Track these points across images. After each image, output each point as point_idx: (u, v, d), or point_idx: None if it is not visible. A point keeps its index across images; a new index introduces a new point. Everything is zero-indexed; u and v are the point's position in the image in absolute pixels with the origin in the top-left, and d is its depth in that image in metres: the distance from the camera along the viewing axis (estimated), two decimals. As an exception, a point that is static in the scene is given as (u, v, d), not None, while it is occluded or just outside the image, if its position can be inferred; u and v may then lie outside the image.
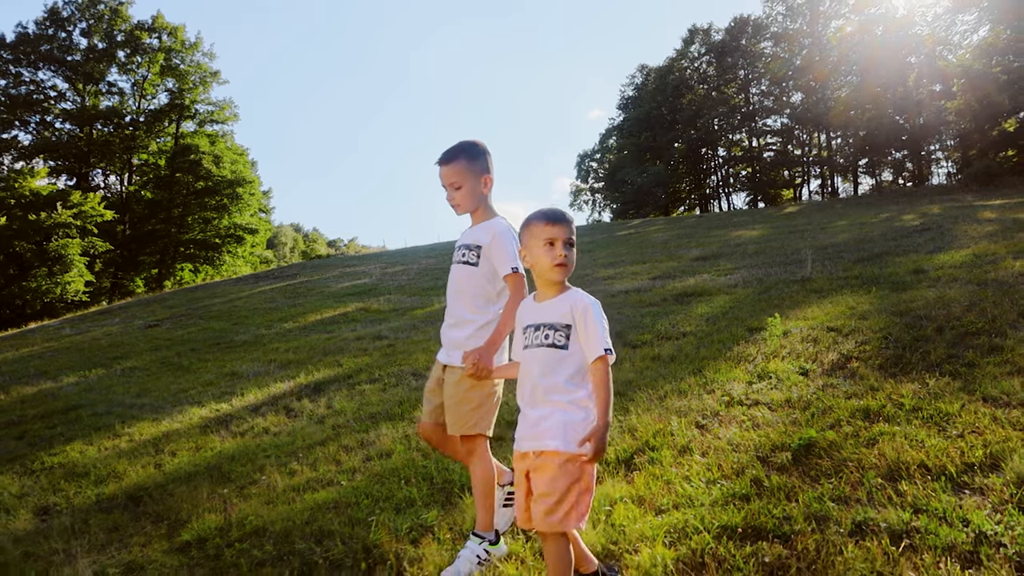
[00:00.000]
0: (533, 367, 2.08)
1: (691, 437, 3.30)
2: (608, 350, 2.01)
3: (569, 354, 2.04)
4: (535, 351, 2.08)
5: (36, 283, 33.28)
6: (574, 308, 2.07)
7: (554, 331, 2.07)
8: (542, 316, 2.11)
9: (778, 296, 7.54)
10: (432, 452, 3.85)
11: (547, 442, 1.99)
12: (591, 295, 2.13)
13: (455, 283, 2.63)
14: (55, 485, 4.99)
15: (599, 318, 2.08)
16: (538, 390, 2.06)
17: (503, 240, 2.50)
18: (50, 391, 9.95)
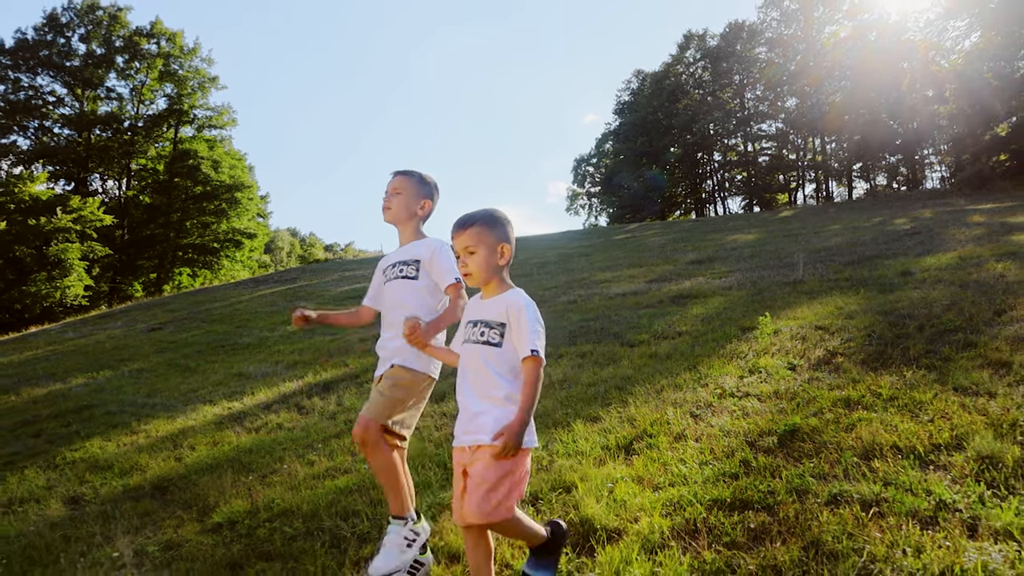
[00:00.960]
0: (469, 362, 2.15)
1: (686, 425, 3.57)
2: (535, 351, 2.05)
3: (503, 351, 2.10)
4: (472, 347, 2.15)
5: (36, 287, 33.42)
6: (509, 308, 2.14)
7: (489, 329, 2.13)
8: (480, 313, 2.19)
9: (771, 298, 7.82)
10: (443, 442, 4.12)
11: (480, 436, 2.05)
12: (527, 296, 2.22)
13: (395, 297, 2.68)
14: (80, 478, 5.24)
15: (533, 319, 2.13)
16: (474, 386, 2.12)
17: (442, 254, 2.63)
18: (60, 392, 10.17)
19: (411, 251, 2.70)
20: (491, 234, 2.20)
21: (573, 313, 9.53)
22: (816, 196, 42.73)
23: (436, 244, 2.68)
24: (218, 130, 44.17)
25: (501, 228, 2.23)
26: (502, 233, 2.23)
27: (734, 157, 46.78)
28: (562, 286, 13.44)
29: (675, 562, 2.18)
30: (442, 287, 2.60)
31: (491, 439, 2.00)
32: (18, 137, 40.99)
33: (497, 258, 2.22)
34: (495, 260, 2.21)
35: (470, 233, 2.18)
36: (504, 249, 2.23)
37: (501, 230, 2.23)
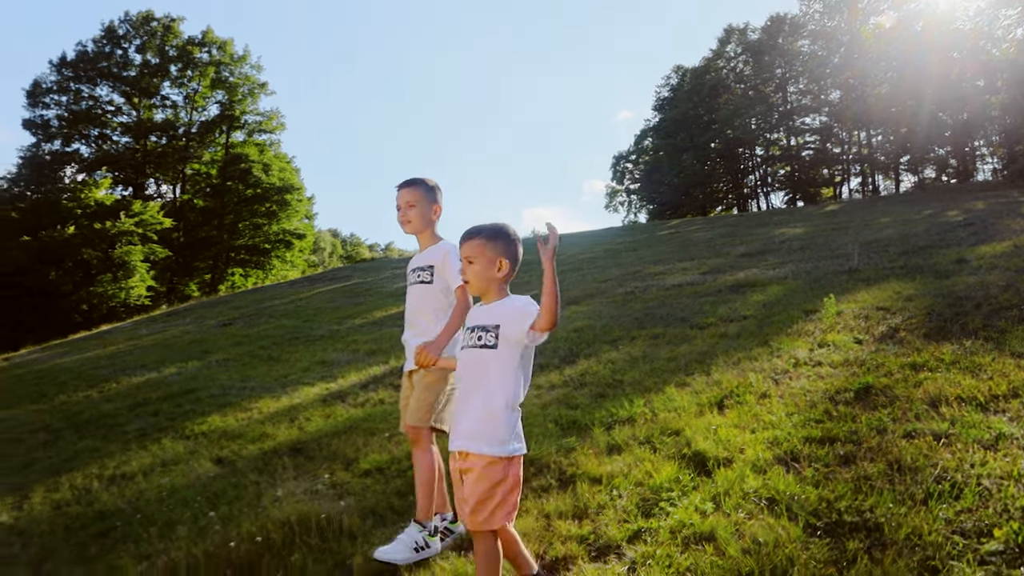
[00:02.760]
0: (466, 367, 2.23)
1: (768, 387, 4.10)
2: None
3: (498, 353, 2.15)
4: (469, 351, 2.22)
5: (102, 288, 35.12)
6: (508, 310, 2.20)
7: (485, 332, 2.18)
8: (478, 319, 2.26)
9: (828, 285, 8.22)
10: (550, 404, 4.71)
11: (468, 444, 2.13)
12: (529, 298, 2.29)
13: (415, 300, 2.90)
14: (218, 444, 5.97)
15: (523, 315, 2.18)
16: (471, 390, 2.18)
17: (452, 259, 2.77)
18: (157, 380, 11.05)
19: (428, 256, 2.90)
20: (491, 248, 2.25)
21: (634, 303, 10.05)
22: (862, 190, 42.27)
23: (447, 248, 2.86)
24: (267, 134, 45.61)
25: (503, 243, 2.27)
26: (503, 249, 2.27)
27: (777, 152, 46.50)
28: (616, 279, 13.91)
29: (780, 477, 2.73)
30: (452, 288, 2.80)
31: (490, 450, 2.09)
32: (81, 145, 42.92)
33: (494, 271, 2.25)
34: (492, 272, 2.25)
35: (471, 244, 2.27)
36: (502, 263, 2.26)
37: (503, 245, 2.27)
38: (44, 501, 5.10)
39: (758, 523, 2.38)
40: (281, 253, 44.15)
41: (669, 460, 3.14)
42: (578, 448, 3.54)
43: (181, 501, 4.37)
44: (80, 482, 5.45)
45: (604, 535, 2.53)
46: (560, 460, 3.43)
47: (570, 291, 12.96)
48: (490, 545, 2.12)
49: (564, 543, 2.51)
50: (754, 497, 2.60)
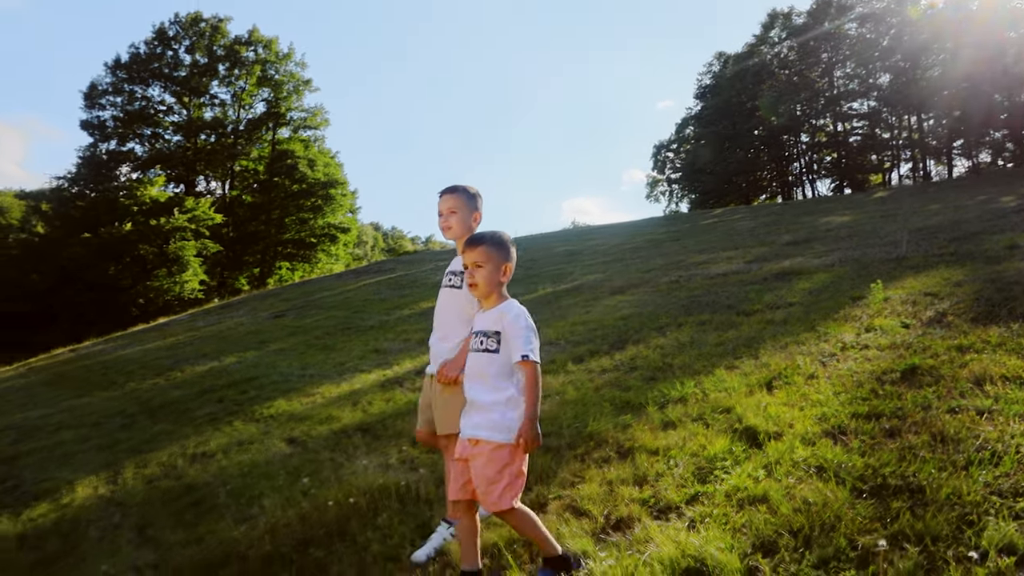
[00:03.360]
0: (473, 369, 2.44)
1: (815, 368, 4.27)
2: (526, 356, 2.31)
3: (499, 356, 2.37)
4: (474, 354, 2.44)
5: (158, 282, 36.51)
6: (503, 316, 2.41)
7: (487, 338, 2.40)
8: (481, 324, 2.48)
9: (875, 272, 8.23)
10: (602, 387, 4.95)
11: (479, 432, 2.34)
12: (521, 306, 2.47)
13: (443, 303, 3.01)
14: (287, 426, 6.37)
15: (525, 327, 2.38)
16: (479, 388, 2.39)
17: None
18: (219, 368, 11.61)
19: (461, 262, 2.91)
20: (498, 253, 2.46)
21: (679, 291, 10.18)
22: (912, 176, 41.18)
23: None
24: (312, 130, 46.64)
25: (507, 250, 2.50)
26: (507, 254, 2.49)
27: (823, 138, 45.56)
28: (660, 268, 14.01)
29: (828, 448, 2.92)
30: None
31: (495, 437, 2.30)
32: (135, 144, 44.50)
33: (500, 275, 2.47)
34: (498, 276, 2.47)
35: (480, 250, 2.45)
36: (507, 268, 2.50)
37: (506, 252, 2.50)
38: (135, 476, 5.57)
39: (807, 487, 2.59)
40: (326, 247, 45.16)
41: (721, 434, 3.35)
42: (634, 425, 3.78)
43: (263, 475, 4.75)
44: (165, 460, 5.91)
45: (664, 498, 2.77)
46: (617, 435, 3.67)
47: (614, 280, 13.14)
48: (517, 517, 2.35)
49: (627, 505, 2.76)
50: (803, 465, 2.81)
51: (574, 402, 4.65)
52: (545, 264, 19.44)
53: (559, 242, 27.79)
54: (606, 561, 2.32)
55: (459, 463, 2.45)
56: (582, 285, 13.61)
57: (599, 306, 10.24)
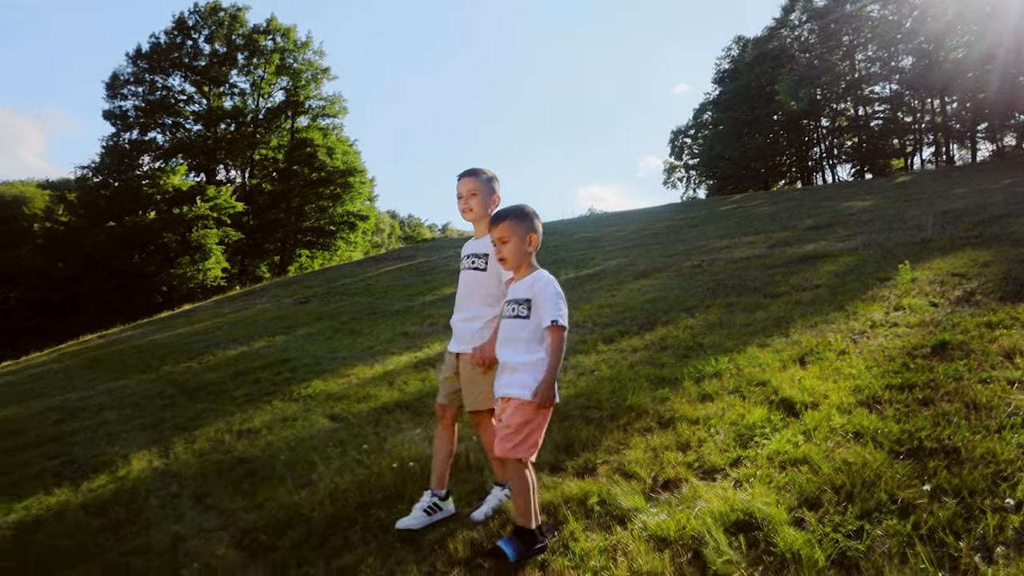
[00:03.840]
0: (506, 334, 2.59)
1: (847, 345, 4.39)
2: (555, 320, 2.46)
3: (529, 322, 2.52)
4: (507, 321, 2.60)
5: (182, 270, 37.08)
6: (535, 285, 2.55)
7: (519, 305, 2.56)
8: (512, 293, 2.62)
9: (901, 255, 8.29)
10: (636, 364, 5.11)
11: (510, 390, 2.53)
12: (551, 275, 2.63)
13: (467, 285, 3.06)
14: (326, 404, 6.60)
15: (554, 294, 2.53)
16: (510, 352, 2.55)
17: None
18: (250, 352, 11.87)
19: (483, 245, 3.01)
20: (521, 226, 2.59)
21: (702, 275, 10.28)
22: (935, 160, 40.67)
23: None
24: (331, 119, 46.91)
25: (529, 221, 2.62)
26: (530, 225, 2.62)
27: (844, 122, 45.07)
28: (682, 253, 14.09)
29: (864, 416, 3.07)
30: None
31: (531, 395, 2.46)
32: (156, 134, 44.99)
33: (526, 245, 2.61)
34: (524, 247, 2.60)
35: (503, 226, 2.59)
36: (532, 238, 2.62)
37: (529, 222, 2.62)
38: (186, 451, 5.81)
39: (846, 450, 2.74)
40: (345, 234, 45.53)
41: (759, 405, 3.51)
42: (672, 397, 3.94)
43: (312, 448, 4.96)
44: (212, 436, 6.16)
45: (708, 462, 2.93)
46: (656, 407, 3.84)
47: (637, 265, 13.24)
48: (519, 471, 2.50)
49: (673, 468, 2.93)
50: (841, 432, 2.95)
51: (610, 378, 4.82)
52: (566, 250, 19.55)
53: (578, 228, 27.85)
54: (659, 515, 2.49)
55: (495, 422, 2.63)
56: (605, 270, 13.73)
57: (624, 290, 10.37)
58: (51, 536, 4.16)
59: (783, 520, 2.26)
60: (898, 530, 2.10)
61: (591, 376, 5.11)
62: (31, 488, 5.63)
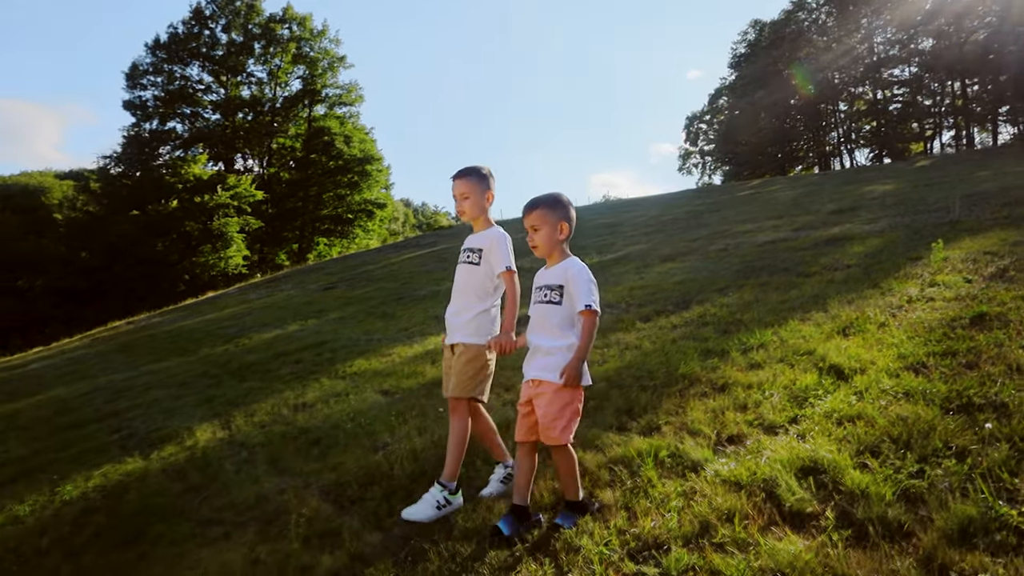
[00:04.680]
0: (537, 318, 2.67)
1: (886, 318, 4.60)
2: (588, 305, 2.55)
3: (562, 308, 2.61)
4: (539, 306, 2.68)
5: (203, 258, 37.61)
6: (567, 271, 2.64)
7: (551, 291, 2.65)
8: (545, 279, 2.70)
9: (929, 236, 8.43)
10: (678, 339, 5.34)
11: (543, 374, 2.60)
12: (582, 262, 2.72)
13: (461, 279, 3.16)
14: (374, 381, 6.88)
15: (586, 280, 2.61)
16: (542, 336, 2.64)
17: (499, 245, 3.03)
18: (285, 335, 12.18)
19: (478, 240, 3.14)
20: (552, 214, 2.68)
21: (729, 258, 10.46)
22: (955, 144, 40.32)
23: (496, 235, 3.09)
24: (347, 107, 47.12)
25: (563, 209, 2.71)
26: (562, 213, 2.70)
27: (862, 106, 44.74)
28: (705, 237, 14.23)
29: (912, 379, 3.29)
30: (496, 272, 3.05)
31: (557, 377, 2.54)
32: (175, 123, 45.44)
33: (557, 233, 2.69)
34: (556, 235, 2.69)
35: (536, 214, 2.69)
36: (563, 226, 2.70)
37: (563, 211, 2.71)
38: (247, 423, 6.12)
39: (899, 407, 2.97)
40: (363, 222, 45.87)
41: (809, 371, 3.73)
42: (722, 366, 4.18)
43: (372, 419, 5.24)
44: (270, 409, 6.46)
45: (767, 419, 3.17)
46: (708, 375, 4.07)
47: (661, 250, 13.42)
48: (567, 454, 2.60)
49: (735, 425, 3.17)
50: (891, 392, 3.18)
51: (655, 352, 5.06)
52: (587, 236, 19.72)
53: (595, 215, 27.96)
54: (728, 464, 2.73)
55: (523, 407, 2.70)
56: (629, 254, 13.91)
57: (652, 272, 10.57)
58: (139, 497, 4.47)
59: (847, 465, 2.50)
60: (956, 470, 2.33)
61: (636, 350, 5.35)
62: (101, 458, 5.98)
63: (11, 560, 3.82)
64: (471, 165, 3.15)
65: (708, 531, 2.26)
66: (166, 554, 3.41)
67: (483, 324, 3.06)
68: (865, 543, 2.03)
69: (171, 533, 3.72)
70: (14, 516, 4.67)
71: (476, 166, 3.15)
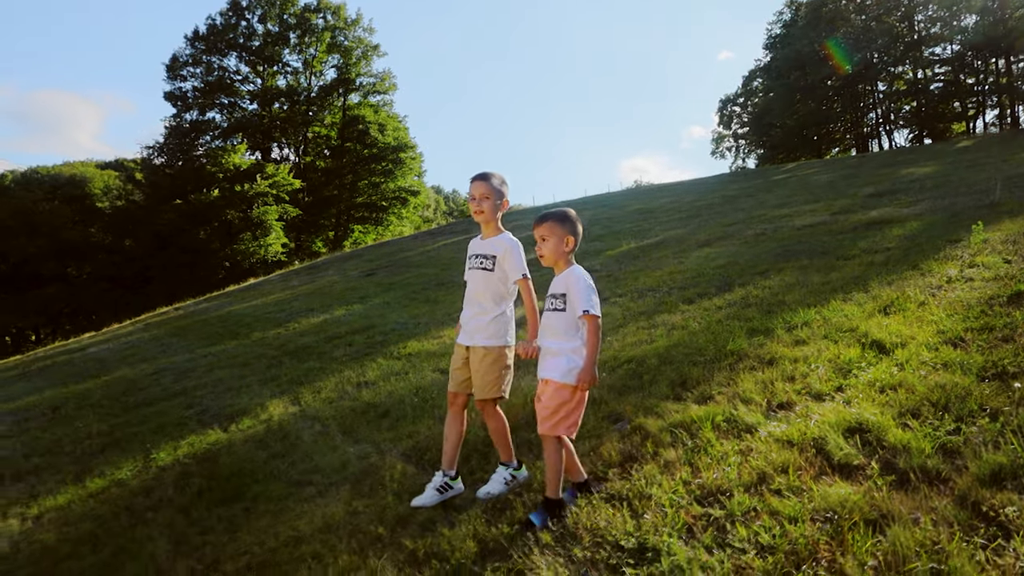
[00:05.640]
0: (547, 325, 2.91)
1: (925, 298, 4.83)
2: (586, 310, 2.74)
3: (565, 314, 2.83)
4: (547, 314, 2.92)
5: (244, 246, 38.58)
6: (567, 280, 2.86)
7: (555, 299, 2.88)
8: (552, 288, 2.92)
9: (969, 219, 8.52)
10: (723, 319, 5.62)
11: (549, 373, 2.85)
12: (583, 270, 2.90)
13: (476, 284, 3.29)
14: (430, 361, 7.27)
15: (585, 287, 2.81)
16: (550, 339, 2.87)
17: (512, 252, 3.17)
18: (333, 319, 12.65)
19: (491, 246, 3.26)
20: (561, 228, 2.89)
21: (768, 242, 10.63)
22: (999, 123, 39.35)
23: (510, 243, 3.22)
24: (381, 95, 47.66)
25: (571, 224, 2.91)
26: (571, 228, 2.91)
27: (902, 86, 43.83)
28: (742, 222, 14.37)
29: (950, 351, 3.54)
30: (511, 279, 3.19)
31: (560, 378, 2.77)
32: (214, 114, 46.43)
33: (563, 246, 2.89)
34: (562, 247, 2.89)
35: (546, 226, 2.90)
36: (569, 240, 2.90)
37: (570, 226, 2.91)
38: (315, 399, 6.57)
39: (937, 376, 3.23)
40: (397, 210, 46.51)
41: (851, 346, 4.00)
42: (768, 343, 4.46)
43: (435, 394, 5.63)
44: (334, 387, 6.90)
45: (814, 388, 3.46)
46: (756, 351, 4.36)
47: (698, 235, 13.61)
48: (554, 447, 2.81)
49: (784, 394, 3.47)
50: (930, 363, 3.44)
51: (702, 331, 5.35)
52: (622, 221, 19.93)
53: (629, 201, 28.09)
54: (780, 426, 3.04)
55: (537, 402, 2.93)
56: (665, 240, 14.11)
57: (691, 257, 10.79)
58: (230, 463, 4.93)
59: (890, 425, 2.79)
60: (990, 428, 2.60)
61: (683, 330, 5.64)
62: (182, 431, 6.48)
63: (126, 516, 4.29)
64: (489, 171, 3.31)
65: (765, 480, 2.58)
66: (268, 509, 3.84)
67: (501, 327, 3.24)
68: (907, 487, 2.33)
69: (267, 492, 4.15)
70: (117, 480, 5.18)
71: (493, 173, 3.30)
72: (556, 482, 2.81)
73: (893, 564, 1.90)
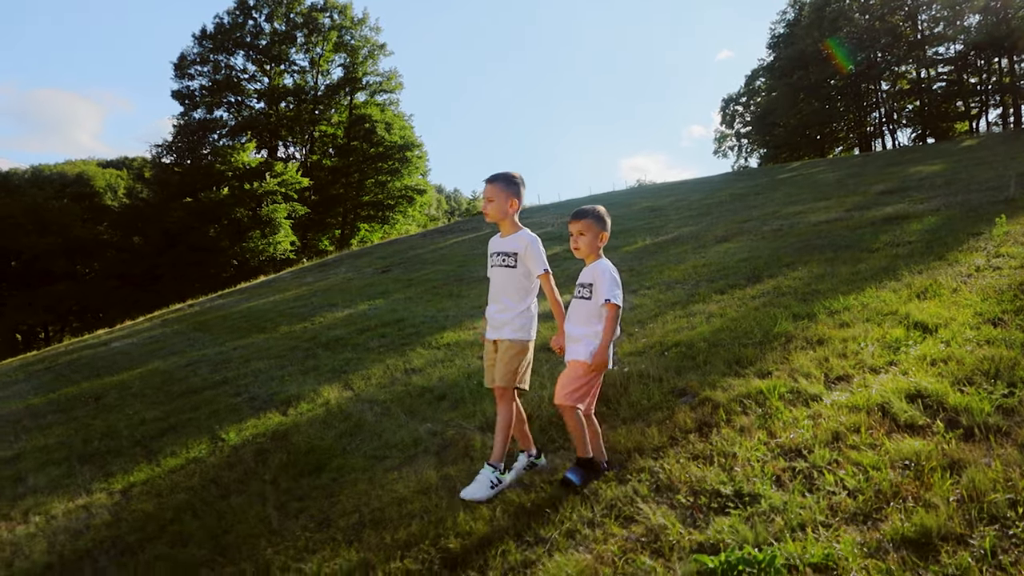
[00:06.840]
0: (573, 311, 3.22)
1: (957, 285, 5.14)
2: (608, 299, 3.06)
3: (590, 302, 3.14)
4: (575, 301, 3.22)
5: (253, 244, 38.86)
6: (594, 272, 3.16)
7: (583, 288, 3.19)
8: (580, 278, 3.23)
9: (986, 214, 8.83)
10: (761, 307, 5.93)
11: (572, 356, 3.17)
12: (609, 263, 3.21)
13: (500, 280, 3.42)
14: (469, 349, 7.56)
15: (609, 279, 3.11)
16: (576, 325, 3.18)
17: (532, 249, 3.29)
18: (358, 314, 12.88)
19: (511, 244, 3.37)
20: (597, 225, 3.21)
21: (787, 237, 10.93)
22: (1002, 123, 39.68)
23: (529, 239, 3.34)
24: (387, 94, 47.95)
25: (604, 222, 3.25)
26: (604, 224, 3.25)
27: (905, 86, 44.16)
28: (757, 219, 14.65)
29: (991, 330, 3.85)
30: (534, 274, 3.32)
31: (583, 358, 3.08)
32: (222, 112, 46.68)
33: (598, 241, 3.22)
34: (596, 242, 3.21)
35: (583, 223, 3.21)
36: (603, 236, 3.24)
37: (604, 222, 3.25)
38: (367, 385, 6.86)
39: (983, 351, 3.54)
40: (403, 208, 46.81)
41: (896, 327, 4.31)
42: (813, 326, 4.77)
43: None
44: (382, 373, 7.19)
45: (868, 363, 3.77)
46: (803, 333, 4.67)
47: (714, 231, 13.90)
48: (571, 414, 3.10)
49: (841, 368, 3.77)
50: (974, 340, 3.75)
51: (743, 317, 5.66)
52: (633, 219, 20.18)
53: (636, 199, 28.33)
54: (843, 395, 3.34)
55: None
56: (680, 236, 14.38)
57: (711, 252, 11.08)
58: (303, 440, 5.23)
59: (948, 391, 3.10)
60: (1040, 391, 2.92)
61: (721, 317, 5.95)
62: (238, 415, 6.77)
63: (215, 488, 4.59)
64: (502, 172, 3.43)
65: (840, 439, 2.88)
66: (356, 478, 4.14)
67: (525, 321, 3.37)
68: (973, 440, 2.64)
69: (349, 465, 4.45)
70: (191, 458, 5.48)
71: (507, 173, 3.42)
72: (583, 442, 3.12)
73: (974, 496, 2.21)
